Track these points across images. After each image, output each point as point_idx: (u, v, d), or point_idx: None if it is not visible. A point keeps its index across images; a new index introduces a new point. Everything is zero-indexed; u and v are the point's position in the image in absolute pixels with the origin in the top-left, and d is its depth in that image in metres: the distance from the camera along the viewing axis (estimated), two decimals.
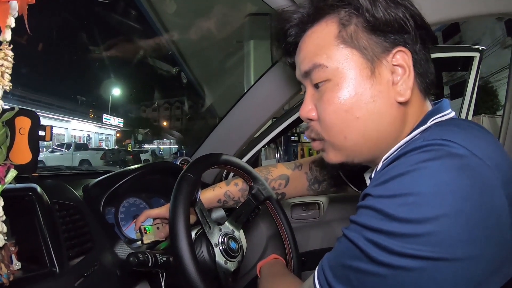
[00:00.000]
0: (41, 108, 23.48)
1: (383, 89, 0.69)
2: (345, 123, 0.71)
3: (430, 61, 0.75)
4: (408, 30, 0.69)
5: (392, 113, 0.70)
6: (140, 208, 1.35)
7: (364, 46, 0.70)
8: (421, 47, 0.72)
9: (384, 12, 0.68)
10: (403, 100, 0.69)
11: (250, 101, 1.51)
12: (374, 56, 0.70)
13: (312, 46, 0.76)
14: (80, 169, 1.61)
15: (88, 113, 31.03)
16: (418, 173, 0.53)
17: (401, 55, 0.69)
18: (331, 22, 0.73)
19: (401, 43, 0.70)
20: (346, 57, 0.70)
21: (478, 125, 0.66)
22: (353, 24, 0.71)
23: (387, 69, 0.70)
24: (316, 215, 1.77)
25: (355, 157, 0.76)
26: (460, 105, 2.24)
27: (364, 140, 0.72)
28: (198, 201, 0.91)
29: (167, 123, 49.57)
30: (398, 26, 0.69)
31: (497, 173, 0.53)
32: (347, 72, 0.70)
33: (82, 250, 0.92)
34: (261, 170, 1.19)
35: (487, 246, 0.50)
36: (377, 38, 0.70)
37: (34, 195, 0.89)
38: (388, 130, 0.71)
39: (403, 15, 0.69)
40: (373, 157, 0.75)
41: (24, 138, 0.88)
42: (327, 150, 0.79)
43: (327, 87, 0.73)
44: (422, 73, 0.72)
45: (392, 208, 0.52)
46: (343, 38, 0.71)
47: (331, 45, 0.72)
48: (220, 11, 4.09)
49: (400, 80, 0.69)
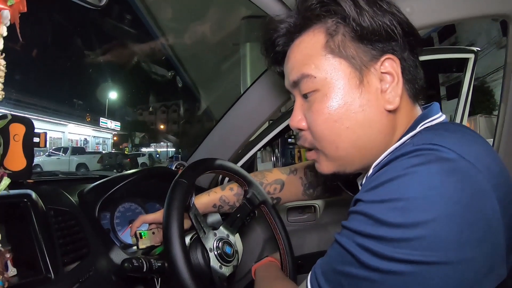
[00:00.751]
0: (37, 112, 23.44)
1: (372, 98, 0.69)
2: (335, 133, 0.71)
3: (419, 67, 0.75)
4: (396, 37, 0.69)
5: (381, 121, 0.70)
6: (136, 213, 1.35)
7: (352, 55, 0.70)
8: (410, 54, 0.72)
9: (371, 20, 0.68)
10: (392, 107, 0.69)
11: (245, 105, 1.52)
12: (362, 65, 0.70)
13: (300, 56, 0.76)
14: (76, 174, 1.61)
15: (85, 117, 30.99)
16: (408, 178, 0.53)
17: (389, 63, 0.69)
18: (318, 31, 0.73)
19: (389, 50, 0.70)
20: (334, 67, 0.71)
21: (468, 128, 0.67)
22: (341, 34, 0.71)
23: (375, 77, 0.70)
24: (312, 218, 1.77)
25: (347, 167, 0.76)
26: (456, 106, 2.25)
27: (356, 149, 0.72)
28: (192, 206, 0.92)
29: (164, 126, 49.53)
30: (385, 34, 0.69)
31: (488, 176, 0.53)
32: (336, 82, 0.70)
33: (77, 256, 0.92)
34: (256, 174, 1.20)
35: (479, 249, 0.50)
36: (365, 46, 0.70)
37: (29, 202, 0.89)
38: (379, 138, 0.71)
39: (391, 22, 0.69)
40: (364, 166, 0.75)
41: (19, 145, 0.89)
42: (320, 161, 0.79)
43: (316, 98, 0.73)
44: (411, 79, 0.73)
45: (383, 213, 0.53)
46: (331, 48, 0.71)
47: (319, 55, 0.72)
48: (216, 14, 4.09)
49: (389, 87, 0.69)
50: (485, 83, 17.30)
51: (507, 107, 1.32)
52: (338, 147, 0.72)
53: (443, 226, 0.49)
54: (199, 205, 1.11)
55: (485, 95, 16.76)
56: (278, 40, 0.83)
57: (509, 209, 0.55)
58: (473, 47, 2.12)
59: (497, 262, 0.52)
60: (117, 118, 37.26)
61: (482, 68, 16.64)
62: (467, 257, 0.49)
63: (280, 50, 0.84)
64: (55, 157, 19.90)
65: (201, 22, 4.46)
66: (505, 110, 1.33)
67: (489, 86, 16.98)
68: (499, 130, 1.37)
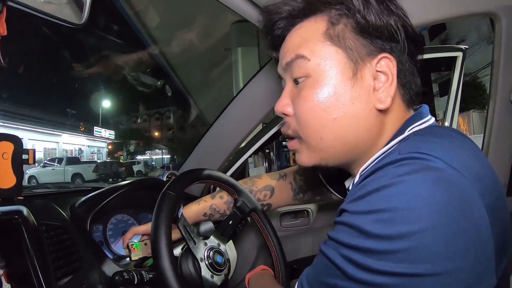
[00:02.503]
0: (31, 123, 23.35)
1: (363, 93, 0.68)
2: (321, 123, 0.69)
3: (417, 75, 0.74)
4: (398, 39, 0.68)
5: (370, 119, 0.69)
6: (129, 224, 1.35)
7: (350, 46, 0.68)
8: (408, 59, 0.71)
9: (376, 16, 0.67)
10: (382, 107, 0.68)
11: (233, 112, 1.53)
12: (358, 57, 0.68)
13: (297, 39, 0.74)
14: (68, 187, 1.61)
15: (79, 126, 30.90)
16: (394, 188, 0.52)
17: (386, 62, 0.68)
18: (321, 19, 0.72)
19: (387, 50, 0.69)
20: (329, 55, 0.69)
21: (458, 132, 0.66)
22: (342, 24, 0.69)
23: (369, 73, 0.69)
24: (305, 222, 1.77)
25: (329, 160, 0.74)
26: (446, 104, 2.28)
27: (339, 143, 0.70)
28: (181, 217, 0.92)
29: (158, 134, 49.39)
30: (388, 33, 0.68)
31: (476, 184, 0.53)
32: (329, 70, 0.69)
33: (70, 270, 0.92)
34: (245, 182, 1.20)
35: (467, 259, 0.49)
36: (364, 40, 0.69)
37: (20, 218, 0.89)
38: (365, 136, 0.70)
39: (395, 24, 0.68)
40: (347, 162, 0.74)
41: (8, 163, 0.90)
42: (301, 151, 0.77)
43: (306, 83, 0.71)
44: (406, 83, 0.71)
45: (368, 225, 0.52)
46: (330, 36, 0.70)
47: (317, 40, 0.71)
48: (206, 20, 4.11)
49: (382, 87, 0.68)
50: (477, 78, 17.37)
51: (495, 104, 1.34)
52: (322, 138, 0.71)
53: (430, 237, 0.48)
54: (189, 214, 1.12)
55: (478, 90, 16.81)
56: (279, 23, 0.80)
57: (499, 216, 0.54)
58: (463, 43, 2.16)
59: (486, 271, 0.52)
60: (111, 126, 37.20)
61: (474, 64, 16.73)
62: (455, 267, 0.49)
63: (279, 34, 0.81)
64: (50, 168, 19.85)
65: (192, 29, 4.47)
66: (494, 106, 1.34)
67: (481, 81, 17.05)
68: (489, 126, 1.38)
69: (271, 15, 0.81)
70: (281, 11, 0.79)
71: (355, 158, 0.72)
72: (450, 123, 2.27)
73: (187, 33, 4.73)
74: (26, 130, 22.10)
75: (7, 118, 21.48)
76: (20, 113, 23.02)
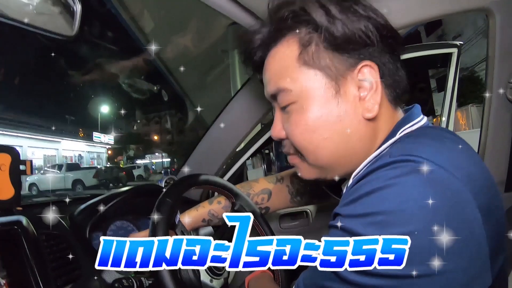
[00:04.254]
0: (30, 130, 23.29)
1: (349, 108, 0.69)
2: (313, 144, 0.71)
3: (401, 69, 0.74)
4: (373, 42, 0.68)
5: (360, 130, 0.70)
6: (128, 230, 1.35)
7: (327, 65, 0.69)
8: (390, 57, 0.71)
9: (344, 28, 0.67)
10: (371, 116, 0.69)
11: (230, 115, 1.53)
12: (338, 74, 0.69)
13: (276, 68, 0.76)
14: (67, 194, 1.61)
15: (78, 132, 30.81)
16: (385, 191, 0.52)
17: (367, 70, 0.68)
18: (292, 42, 0.72)
19: (366, 57, 0.69)
20: (309, 79, 0.70)
21: (450, 132, 0.67)
22: (314, 44, 0.70)
23: (353, 85, 0.69)
24: (305, 224, 1.77)
25: (328, 174, 0.76)
26: (443, 100, 2.29)
27: (335, 159, 0.72)
28: (178, 223, 0.93)
29: (158, 137, 49.30)
30: (361, 40, 0.67)
31: (468, 184, 0.53)
32: (311, 94, 0.69)
33: (70, 278, 0.93)
34: (243, 186, 1.21)
35: (461, 259, 0.50)
36: (341, 55, 0.69)
37: (20, 228, 0.90)
38: (358, 146, 0.70)
39: (366, 28, 0.67)
40: (347, 172, 0.75)
41: (5, 174, 0.90)
42: (301, 166, 0.79)
43: (293, 109, 0.72)
44: (391, 84, 0.72)
45: (361, 228, 0.52)
46: (304, 60, 0.70)
47: (293, 67, 0.71)
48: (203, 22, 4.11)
49: (368, 95, 0.69)
50: (475, 72, 17.29)
51: (491, 99, 1.34)
52: (318, 157, 0.73)
53: (422, 239, 0.49)
54: (187, 220, 1.12)
55: (476, 85, 16.70)
56: (255, 51, 0.82)
57: (493, 215, 0.55)
58: (460, 38, 2.16)
59: (481, 270, 0.52)
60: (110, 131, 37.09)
61: (471, 58, 16.68)
62: (450, 268, 0.49)
63: (258, 60, 0.82)
64: (50, 175, 19.77)
65: (188, 32, 4.48)
66: (490, 102, 1.34)
67: (478, 75, 16.96)
68: (485, 122, 1.38)
69: (247, 45, 0.83)
70: (254, 40, 0.81)
71: (353, 167, 0.72)
72: (447, 118, 2.28)
73: (183, 36, 4.74)
74: (25, 137, 22.10)
75: (6, 126, 21.47)
76: (19, 120, 22.95)
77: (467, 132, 13.99)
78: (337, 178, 0.78)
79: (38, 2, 0.80)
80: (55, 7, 0.85)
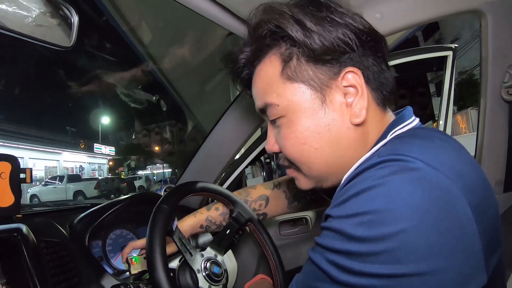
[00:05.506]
0: (31, 142, 23.38)
1: (337, 116, 0.70)
2: (305, 155, 0.73)
3: (386, 70, 0.74)
4: (353, 48, 0.69)
5: (350, 136, 0.70)
6: (128, 239, 1.36)
7: (310, 77, 0.70)
8: (373, 59, 0.72)
9: (321, 40, 0.68)
10: (359, 121, 0.69)
11: (229, 122, 1.54)
12: (322, 85, 0.70)
13: (261, 84, 0.78)
14: (67, 204, 1.62)
15: (79, 144, 30.93)
16: (374, 190, 0.52)
17: (351, 75, 0.69)
18: (274, 58, 0.74)
19: (348, 63, 0.70)
20: (294, 93, 0.72)
21: (440, 132, 0.67)
22: (295, 58, 0.71)
23: (338, 93, 0.70)
24: (305, 230, 1.77)
25: (323, 182, 0.77)
26: (439, 104, 2.29)
27: (328, 167, 0.73)
28: (176, 230, 0.93)
29: (159, 148, 49.39)
30: (340, 48, 0.68)
31: (458, 182, 0.53)
32: (298, 107, 0.71)
33: (69, 285, 0.93)
34: (240, 192, 1.22)
35: (453, 257, 0.49)
36: (323, 66, 0.70)
37: (20, 236, 0.90)
38: (349, 153, 0.71)
39: (344, 35, 0.68)
40: (341, 179, 0.73)
41: (6, 182, 0.92)
42: (298, 178, 0.81)
43: (282, 123, 0.75)
44: (377, 86, 0.72)
45: (350, 228, 0.52)
46: (287, 75, 0.72)
47: (278, 83, 0.73)
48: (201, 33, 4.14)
49: (354, 100, 0.69)
50: (473, 75, 17.35)
51: (486, 101, 1.35)
52: (311, 168, 0.74)
53: (412, 237, 0.49)
54: (186, 227, 1.13)
55: (475, 88, 16.71)
56: (240, 70, 0.84)
57: (487, 214, 0.55)
58: (457, 41, 2.16)
59: (475, 269, 0.52)
60: (111, 143, 37.22)
61: (469, 61, 16.75)
62: (441, 266, 0.49)
63: (246, 78, 0.85)
64: (51, 186, 19.86)
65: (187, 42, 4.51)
66: (485, 103, 1.35)
67: (477, 78, 16.94)
68: (481, 123, 1.39)
69: (233, 64, 0.85)
70: (238, 60, 0.83)
71: (347, 172, 0.72)
72: (445, 121, 2.28)
73: (182, 47, 4.78)
74: (27, 149, 22.15)
75: (8, 138, 21.53)
76: (20, 132, 23.07)
77: (467, 136, 13.98)
78: (332, 187, 0.78)
79: (36, 14, 0.82)
80: (53, 19, 0.86)
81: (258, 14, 0.76)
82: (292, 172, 0.82)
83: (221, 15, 1.08)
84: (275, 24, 0.71)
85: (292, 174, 0.83)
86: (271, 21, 0.72)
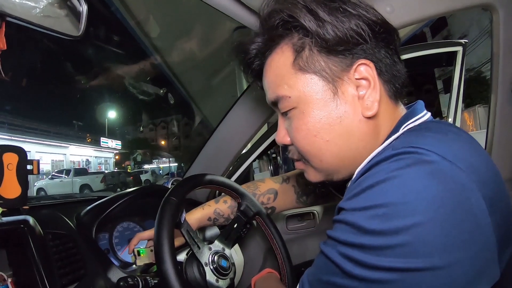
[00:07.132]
0: (38, 136, 23.55)
1: (349, 108, 0.69)
2: (316, 147, 0.72)
3: (399, 63, 0.73)
4: (366, 40, 0.68)
5: (362, 129, 0.69)
6: (135, 231, 1.36)
7: (322, 68, 0.69)
8: (385, 52, 0.71)
9: (335, 31, 0.67)
10: (371, 114, 0.68)
11: (235, 117, 1.54)
12: (334, 76, 0.69)
13: (272, 76, 0.77)
14: (74, 197, 1.62)
15: (85, 138, 31.12)
16: (388, 183, 0.52)
17: (364, 68, 0.68)
18: (286, 48, 0.73)
19: (361, 55, 0.69)
20: (306, 84, 0.70)
21: (453, 126, 0.66)
22: (307, 49, 0.70)
23: (350, 85, 0.69)
24: (312, 225, 1.77)
25: (334, 175, 0.76)
26: (449, 100, 2.27)
27: (339, 160, 0.72)
28: (184, 222, 0.93)
29: (165, 142, 49.54)
30: (353, 40, 0.67)
31: (472, 175, 0.52)
32: (310, 98, 0.70)
33: (75, 277, 0.93)
34: (248, 186, 1.21)
35: (467, 250, 0.48)
36: (335, 57, 0.69)
37: (26, 227, 0.90)
38: (361, 145, 0.70)
39: (357, 26, 0.67)
40: (351, 173, 0.74)
41: (13, 173, 0.91)
42: (308, 171, 0.80)
43: (294, 114, 0.73)
44: (389, 79, 0.71)
45: (364, 221, 0.51)
46: (299, 65, 0.71)
47: (289, 74, 0.72)
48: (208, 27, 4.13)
49: (366, 93, 0.68)
50: (481, 73, 17.23)
51: (497, 97, 1.33)
52: (322, 160, 0.73)
53: (426, 231, 0.48)
54: (193, 220, 1.12)
55: (482, 85, 16.60)
56: (252, 61, 0.84)
57: (499, 207, 0.54)
58: (465, 38, 2.14)
59: (488, 263, 0.51)
60: (118, 137, 37.41)
61: (477, 58, 16.63)
62: (454, 260, 0.48)
63: (257, 68, 0.84)
64: (58, 180, 20.02)
65: (194, 36, 4.50)
66: (496, 99, 1.33)
67: (485, 76, 16.85)
68: (492, 119, 1.37)
69: (244, 55, 0.84)
70: (250, 51, 0.82)
71: (358, 166, 0.71)
72: (454, 118, 2.26)
73: (189, 41, 4.77)
74: (33, 143, 22.31)
75: (15, 131, 21.70)
76: (27, 126, 23.25)
77: (474, 133, 13.94)
78: (342, 180, 0.78)
79: (44, 5, 0.81)
80: (61, 9, 0.86)
81: (270, 4, 0.75)
82: (301, 164, 0.81)
83: (232, 6, 1.07)
84: (288, 13, 0.70)
85: (301, 167, 0.82)
86: (284, 10, 0.71)
